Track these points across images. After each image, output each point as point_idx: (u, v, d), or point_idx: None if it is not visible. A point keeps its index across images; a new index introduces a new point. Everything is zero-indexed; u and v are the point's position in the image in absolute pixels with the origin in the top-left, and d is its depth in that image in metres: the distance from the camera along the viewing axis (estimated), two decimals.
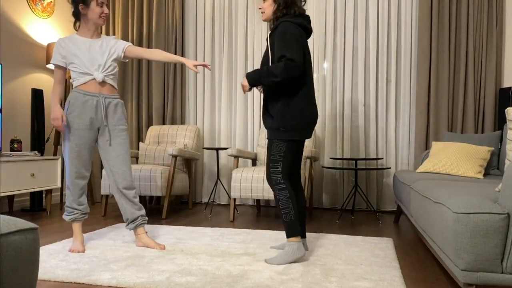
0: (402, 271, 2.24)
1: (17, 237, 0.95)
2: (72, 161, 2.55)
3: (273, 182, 2.39)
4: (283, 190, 2.36)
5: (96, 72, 2.52)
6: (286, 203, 2.34)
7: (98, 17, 2.53)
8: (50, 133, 4.36)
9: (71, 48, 2.52)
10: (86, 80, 2.52)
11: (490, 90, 3.92)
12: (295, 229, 2.33)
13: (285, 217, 2.34)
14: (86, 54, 2.52)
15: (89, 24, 2.55)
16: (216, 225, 3.45)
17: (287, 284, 1.96)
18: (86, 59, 2.51)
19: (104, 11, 2.53)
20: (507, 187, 1.56)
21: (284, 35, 2.27)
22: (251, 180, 3.52)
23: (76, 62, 2.51)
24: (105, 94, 2.56)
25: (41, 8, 4.31)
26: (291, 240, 2.32)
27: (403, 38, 4.24)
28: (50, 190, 3.88)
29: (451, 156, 3.09)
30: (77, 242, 2.55)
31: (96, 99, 2.54)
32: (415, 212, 2.49)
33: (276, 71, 2.25)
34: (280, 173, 2.38)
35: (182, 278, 2.03)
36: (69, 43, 2.54)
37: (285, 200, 2.34)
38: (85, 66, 2.51)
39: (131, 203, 2.62)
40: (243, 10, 4.61)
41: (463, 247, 1.58)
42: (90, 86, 2.53)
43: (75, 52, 2.52)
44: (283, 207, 2.34)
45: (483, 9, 3.94)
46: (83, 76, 2.52)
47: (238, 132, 4.58)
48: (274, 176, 2.39)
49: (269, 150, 2.41)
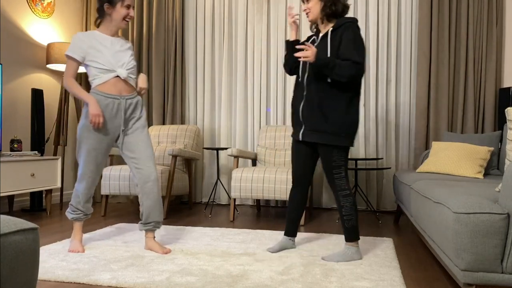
0: (402, 271, 2.24)
1: (17, 237, 0.95)
2: (88, 165, 2.47)
3: (338, 188, 2.36)
4: (348, 196, 2.35)
5: (120, 69, 2.42)
6: (350, 210, 2.35)
7: (122, 19, 2.44)
8: (50, 133, 4.36)
9: (93, 43, 2.41)
10: (108, 78, 2.41)
11: (490, 90, 3.92)
12: (355, 234, 2.38)
13: (347, 223, 2.36)
14: (109, 50, 2.42)
15: (112, 24, 2.46)
16: (216, 225, 3.45)
17: (287, 284, 1.96)
18: (110, 55, 2.41)
19: (129, 14, 2.45)
20: (507, 187, 1.56)
21: (356, 37, 2.25)
22: (251, 180, 3.52)
23: (99, 58, 2.39)
24: (125, 95, 2.47)
25: (41, 8, 4.31)
26: (350, 244, 2.39)
27: (403, 38, 4.24)
28: (50, 190, 3.88)
29: (451, 156, 3.09)
30: (75, 241, 2.54)
31: (117, 101, 2.44)
32: (415, 212, 2.49)
33: (346, 70, 2.19)
34: (344, 178, 2.36)
35: (182, 278, 2.03)
36: (91, 38, 2.42)
37: (349, 207, 2.35)
38: (109, 62, 2.40)
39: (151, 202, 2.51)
40: (243, 10, 4.61)
41: (463, 247, 1.58)
42: (111, 86, 2.42)
43: (99, 48, 2.40)
44: (347, 214, 2.35)
45: (483, 9, 3.94)
46: (106, 73, 2.40)
47: (238, 132, 4.58)
48: (339, 182, 2.36)
49: (327, 155, 2.35)
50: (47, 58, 4.20)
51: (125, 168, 3.73)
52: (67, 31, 4.70)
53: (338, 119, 2.29)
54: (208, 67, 4.69)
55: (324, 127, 2.31)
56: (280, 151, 4.05)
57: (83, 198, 2.54)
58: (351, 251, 2.37)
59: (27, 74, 4.18)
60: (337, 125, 2.29)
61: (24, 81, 4.15)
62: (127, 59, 2.47)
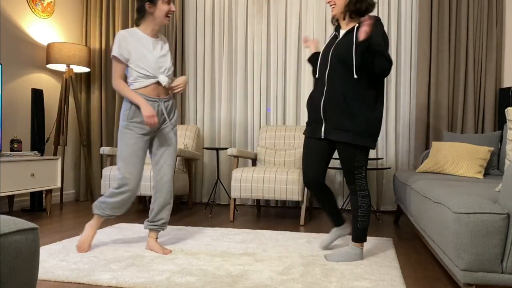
0: (402, 271, 2.24)
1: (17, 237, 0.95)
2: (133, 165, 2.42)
3: (358, 188, 2.33)
4: (366, 197, 2.33)
5: (162, 76, 2.42)
6: (366, 212, 2.34)
7: (165, 15, 2.41)
8: (50, 133, 4.36)
9: (137, 46, 2.39)
10: (149, 83, 2.41)
11: (490, 90, 3.92)
12: (364, 236, 2.37)
13: (360, 224, 2.34)
14: (153, 55, 2.41)
15: (154, 23, 2.42)
16: (216, 225, 3.45)
17: (287, 284, 1.96)
18: (153, 60, 2.40)
19: (171, 9, 2.41)
20: (507, 187, 1.56)
21: (384, 34, 2.21)
22: (251, 180, 3.52)
23: (143, 63, 2.38)
24: (163, 98, 2.47)
25: (41, 8, 4.31)
26: (356, 245, 2.37)
27: (403, 38, 4.24)
28: (50, 190, 3.88)
29: (451, 156, 3.09)
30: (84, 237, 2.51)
31: (157, 104, 2.44)
32: (415, 212, 2.49)
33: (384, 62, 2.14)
34: (364, 178, 2.33)
35: (182, 278, 2.03)
36: (135, 39, 2.40)
37: (366, 208, 2.34)
38: (152, 68, 2.40)
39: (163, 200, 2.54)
40: (243, 10, 4.61)
41: (463, 247, 1.58)
42: (151, 90, 2.42)
43: (142, 51, 2.39)
44: (362, 215, 2.33)
45: (483, 9, 3.94)
46: (148, 79, 2.40)
47: (238, 132, 4.58)
48: (360, 182, 2.33)
49: (350, 155, 2.28)
50: (47, 58, 4.20)
51: None
52: (67, 31, 4.69)
53: (364, 118, 2.22)
54: (208, 67, 4.69)
55: (349, 126, 2.23)
56: (280, 151, 4.05)
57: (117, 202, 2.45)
58: (355, 252, 2.36)
59: (27, 74, 4.18)
60: (363, 124, 2.22)
61: (24, 81, 4.15)
62: (168, 65, 2.47)
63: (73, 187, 4.86)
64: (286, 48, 4.51)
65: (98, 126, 4.82)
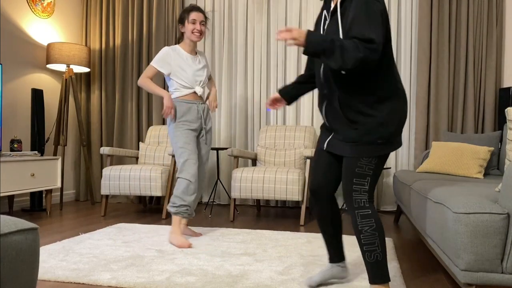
0: (402, 271, 2.24)
1: (17, 237, 0.95)
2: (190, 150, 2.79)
3: (355, 204, 1.67)
4: (368, 217, 1.65)
5: (197, 87, 2.93)
6: (371, 237, 1.64)
7: (191, 33, 2.88)
8: (50, 133, 4.36)
9: (178, 61, 2.89)
10: (188, 93, 2.91)
11: (490, 90, 3.92)
12: (382, 272, 1.65)
13: (368, 256, 1.65)
14: (191, 69, 2.90)
15: (187, 40, 2.93)
16: (216, 225, 3.45)
17: (287, 284, 1.96)
18: (191, 74, 2.90)
19: (195, 28, 2.87)
20: (507, 187, 1.56)
21: (368, 8, 1.54)
22: (251, 180, 3.52)
23: (182, 75, 2.88)
24: (200, 101, 2.96)
25: (41, 8, 4.31)
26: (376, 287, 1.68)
27: (403, 38, 4.24)
28: (50, 190, 3.88)
29: (451, 156, 3.09)
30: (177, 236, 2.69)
31: (196, 105, 2.92)
32: (415, 212, 2.49)
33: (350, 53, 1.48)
34: (366, 192, 1.67)
35: (182, 278, 2.03)
36: (177, 55, 2.90)
37: (370, 232, 1.64)
38: (190, 80, 2.90)
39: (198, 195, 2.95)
40: (243, 10, 4.61)
41: (463, 247, 1.58)
42: (189, 97, 2.92)
43: (183, 66, 2.89)
44: (367, 243, 1.65)
45: (483, 9, 3.94)
46: (186, 89, 2.90)
47: (238, 132, 4.58)
48: (357, 196, 1.67)
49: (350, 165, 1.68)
50: (47, 58, 4.20)
51: (125, 168, 3.73)
52: (67, 31, 4.70)
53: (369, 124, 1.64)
54: None
55: (352, 136, 1.66)
56: (280, 151, 4.05)
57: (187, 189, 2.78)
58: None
59: (27, 74, 4.18)
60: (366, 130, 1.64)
61: (24, 81, 4.15)
62: (204, 78, 2.98)
63: (73, 187, 4.86)
64: (286, 47, 4.51)
65: (98, 126, 4.82)
